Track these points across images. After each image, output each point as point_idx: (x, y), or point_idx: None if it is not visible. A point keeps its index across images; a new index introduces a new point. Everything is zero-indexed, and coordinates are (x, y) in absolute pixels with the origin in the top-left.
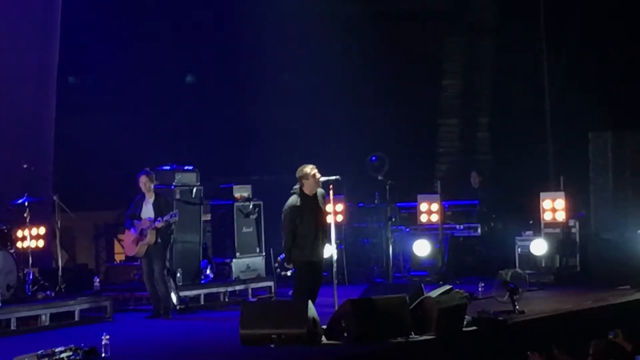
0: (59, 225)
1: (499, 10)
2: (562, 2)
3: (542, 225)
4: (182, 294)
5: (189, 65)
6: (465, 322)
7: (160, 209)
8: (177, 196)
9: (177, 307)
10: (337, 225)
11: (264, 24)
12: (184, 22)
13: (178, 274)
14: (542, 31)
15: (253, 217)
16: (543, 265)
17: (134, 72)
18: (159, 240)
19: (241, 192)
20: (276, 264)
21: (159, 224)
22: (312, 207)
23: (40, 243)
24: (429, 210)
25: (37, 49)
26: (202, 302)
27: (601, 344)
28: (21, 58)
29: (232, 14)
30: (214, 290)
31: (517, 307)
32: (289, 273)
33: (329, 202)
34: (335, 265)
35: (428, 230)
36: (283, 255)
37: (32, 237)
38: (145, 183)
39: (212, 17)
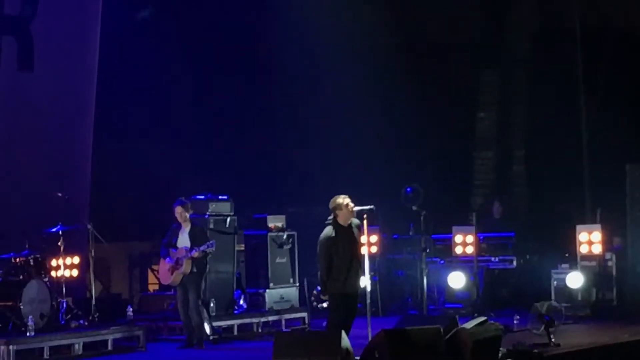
0: (93, 255)
1: (534, 41)
2: (599, 34)
3: (579, 258)
4: (215, 324)
5: (226, 94)
6: (500, 355)
7: (195, 238)
8: (211, 226)
9: (211, 337)
10: (371, 256)
11: (299, 56)
12: (223, 51)
13: (211, 304)
14: (578, 63)
15: (287, 247)
16: (579, 298)
17: (172, 100)
18: (195, 269)
19: (275, 222)
20: (312, 297)
21: (195, 254)
22: (347, 238)
23: (74, 272)
24: (464, 242)
25: (75, 74)
26: (235, 333)
27: None
28: (58, 83)
29: (268, 45)
30: (247, 320)
31: (552, 340)
32: (325, 305)
33: (364, 232)
34: (369, 296)
35: (463, 262)
36: (319, 288)
37: (66, 267)
38: (180, 213)
39: (248, 48)
